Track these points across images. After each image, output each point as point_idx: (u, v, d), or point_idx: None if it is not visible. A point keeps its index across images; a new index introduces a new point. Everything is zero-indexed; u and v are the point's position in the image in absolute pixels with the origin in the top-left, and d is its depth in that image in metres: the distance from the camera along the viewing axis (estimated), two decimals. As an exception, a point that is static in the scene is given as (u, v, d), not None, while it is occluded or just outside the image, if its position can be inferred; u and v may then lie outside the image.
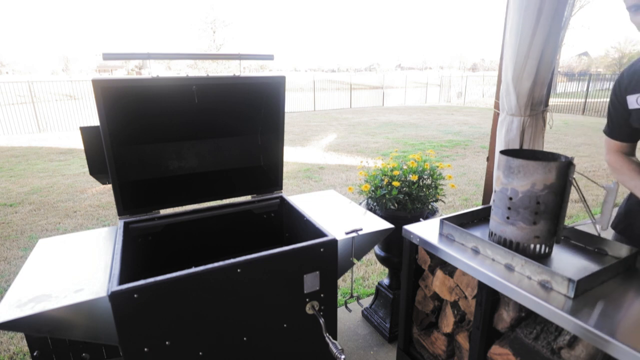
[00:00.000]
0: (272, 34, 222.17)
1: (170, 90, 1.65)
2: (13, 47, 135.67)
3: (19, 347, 2.42)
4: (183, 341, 1.24)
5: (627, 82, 1.36)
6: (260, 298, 1.35)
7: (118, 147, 1.71)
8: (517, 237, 1.29)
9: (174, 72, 27.00)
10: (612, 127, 1.49)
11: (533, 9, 1.62)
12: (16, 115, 11.88)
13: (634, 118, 1.37)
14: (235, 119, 1.99)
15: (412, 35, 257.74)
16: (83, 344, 1.54)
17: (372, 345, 2.32)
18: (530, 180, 1.22)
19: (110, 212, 4.77)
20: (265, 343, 1.42)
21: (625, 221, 1.52)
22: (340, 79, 23.28)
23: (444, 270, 1.55)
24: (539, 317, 1.25)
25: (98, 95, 1.41)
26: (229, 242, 1.99)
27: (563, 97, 19.95)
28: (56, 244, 1.55)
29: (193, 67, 26.78)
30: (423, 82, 23.52)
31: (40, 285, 1.23)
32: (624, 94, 1.37)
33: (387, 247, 2.32)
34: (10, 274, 3.30)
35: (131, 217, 1.69)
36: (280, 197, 2.02)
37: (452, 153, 8.08)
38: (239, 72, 1.72)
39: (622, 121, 1.43)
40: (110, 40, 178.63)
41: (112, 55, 1.40)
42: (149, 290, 1.14)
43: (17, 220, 4.52)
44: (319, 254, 1.42)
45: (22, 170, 6.86)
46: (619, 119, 1.44)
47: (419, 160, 2.33)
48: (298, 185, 5.80)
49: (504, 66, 1.84)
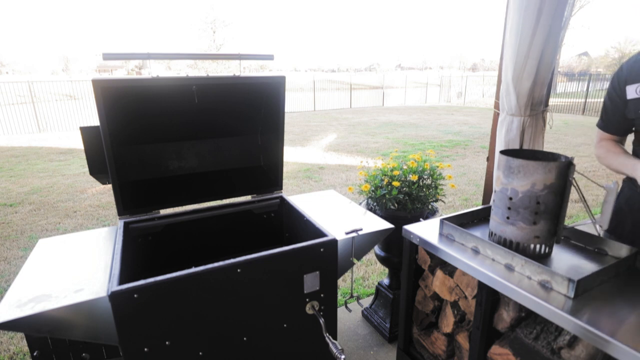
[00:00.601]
0: (272, 34, 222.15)
1: (170, 90, 1.65)
2: (13, 47, 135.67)
3: (19, 347, 2.42)
4: (183, 341, 1.24)
5: (627, 73, 1.40)
6: (260, 298, 1.35)
7: (118, 147, 1.70)
8: (517, 237, 1.29)
9: (174, 72, 27.00)
10: (605, 121, 1.54)
11: (533, 9, 1.62)
12: (16, 115, 11.88)
13: (630, 109, 1.41)
14: (235, 119, 1.99)
15: (412, 35, 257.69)
16: (83, 344, 1.54)
17: (372, 345, 2.32)
18: (530, 180, 1.22)
19: (110, 212, 4.77)
20: (265, 343, 1.42)
21: (615, 220, 1.52)
22: (340, 79, 23.28)
23: (444, 270, 1.55)
24: (539, 317, 1.25)
25: (98, 95, 1.41)
26: (229, 242, 1.99)
27: (563, 97, 19.94)
28: (56, 244, 1.55)
29: (193, 67, 26.79)
30: (423, 82, 23.52)
31: (40, 285, 1.23)
32: (623, 84, 1.41)
33: (387, 247, 2.32)
34: (10, 274, 3.30)
35: (131, 217, 1.69)
36: (280, 197, 2.02)
37: (452, 153, 8.08)
38: (239, 72, 1.72)
39: (618, 113, 1.47)
40: (110, 40, 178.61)
41: (112, 55, 1.40)
42: (149, 290, 1.14)
43: (17, 220, 4.52)
44: (319, 254, 1.42)
45: (22, 170, 6.86)
46: (615, 110, 1.48)
47: (419, 160, 2.33)
48: (298, 185, 5.81)
49: (504, 66, 1.84)
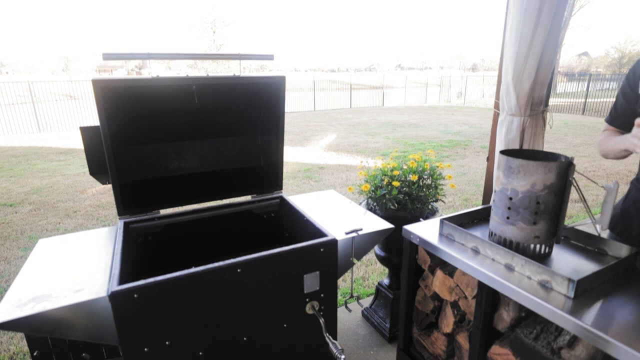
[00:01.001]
0: (272, 34, 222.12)
1: (170, 90, 1.65)
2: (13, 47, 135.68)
3: (19, 347, 2.42)
4: (183, 341, 1.24)
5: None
6: (260, 298, 1.35)
7: (118, 147, 1.70)
8: (517, 237, 1.29)
9: (174, 72, 26.95)
10: (614, 115, 1.53)
11: (533, 9, 1.62)
12: (16, 115, 11.89)
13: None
14: (235, 119, 1.99)
15: (412, 35, 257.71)
16: (83, 344, 1.54)
17: (372, 345, 2.32)
18: (530, 180, 1.22)
19: (110, 212, 4.77)
20: (265, 343, 1.42)
21: (623, 222, 1.51)
22: (340, 79, 23.29)
23: (444, 270, 1.55)
24: (539, 317, 1.25)
25: (98, 95, 1.41)
26: (229, 242, 1.99)
27: (563, 97, 19.95)
28: (56, 244, 1.55)
29: (193, 67, 26.78)
30: (423, 82, 23.53)
31: (40, 285, 1.23)
32: (638, 78, 1.41)
33: (387, 247, 2.32)
34: (10, 274, 3.30)
35: (131, 217, 1.69)
36: (280, 197, 2.02)
37: (452, 153, 8.08)
38: (239, 72, 1.72)
39: (628, 109, 1.46)
40: (110, 40, 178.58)
41: (112, 55, 1.40)
42: (149, 290, 1.14)
43: (17, 220, 4.52)
44: (319, 254, 1.42)
45: (22, 170, 6.86)
46: (626, 106, 1.47)
47: (419, 160, 2.33)
48: (298, 185, 5.80)
49: (504, 66, 1.84)
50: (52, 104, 12.69)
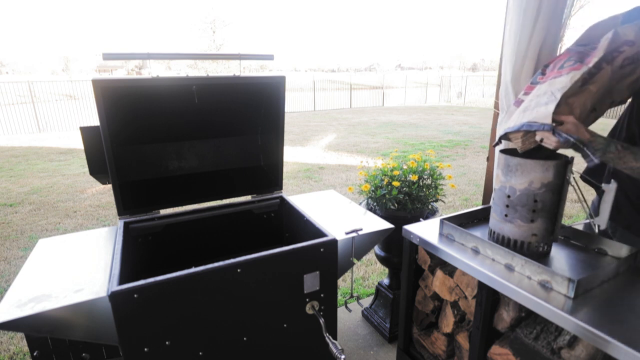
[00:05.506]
0: (272, 34, 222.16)
1: (170, 90, 1.65)
2: (13, 47, 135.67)
3: (19, 347, 2.42)
4: (183, 341, 1.24)
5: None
6: (260, 298, 1.35)
7: (118, 147, 1.70)
8: (515, 234, 1.29)
9: (174, 72, 26.95)
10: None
11: (532, 10, 1.62)
12: (16, 115, 11.88)
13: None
14: (235, 119, 1.99)
15: (412, 35, 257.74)
16: (83, 344, 1.54)
17: (372, 345, 2.32)
18: (528, 178, 1.23)
19: (110, 212, 4.77)
20: (266, 343, 1.42)
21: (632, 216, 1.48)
22: (340, 79, 23.27)
23: (444, 270, 1.55)
24: (539, 317, 1.25)
25: (98, 95, 1.42)
26: (229, 242, 1.99)
27: (563, 97, 19.88)
28: (56, 244, 1.55)
29: (193, 67, 26.77)
30: (423, 82, 23.52)
31: (40, 285, 1.23)
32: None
33: (387, 247, 2.32)
34: (10, 274, 3.30)
35: (131, 217, 1.69)
36: (280, 197, 2.02)
37: (452, 153, 8.08)
38: (239, 72, 1.72)
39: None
40: (110, 40, 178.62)
41: (112, 55, 1.40)
42: (149, 290, 1.14)
43: (17, 220, 4.52)
44: (319, 254, 1.42)
45: (22, 170, 6.86)
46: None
47: (419, 160, 2.33)
48: (298, 185, 5.81)
49: (503, 66, 1.84)
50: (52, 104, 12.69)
